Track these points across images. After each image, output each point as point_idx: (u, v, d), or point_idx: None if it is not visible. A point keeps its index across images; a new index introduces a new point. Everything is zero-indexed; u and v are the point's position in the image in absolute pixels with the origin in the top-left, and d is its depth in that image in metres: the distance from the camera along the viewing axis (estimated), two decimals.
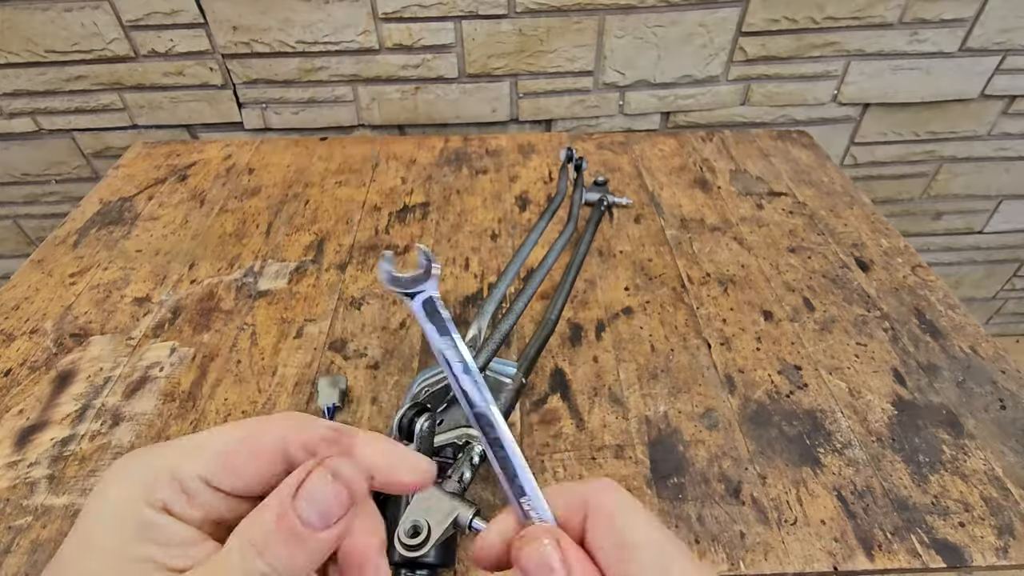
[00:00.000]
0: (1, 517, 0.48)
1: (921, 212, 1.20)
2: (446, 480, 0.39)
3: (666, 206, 0.82)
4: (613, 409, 0.55)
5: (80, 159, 1.03)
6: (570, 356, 0.60)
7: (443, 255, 0.73)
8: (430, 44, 0.91)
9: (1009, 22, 0.92)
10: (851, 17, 0.91)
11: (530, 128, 1.03)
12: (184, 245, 0.76)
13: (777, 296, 0.67)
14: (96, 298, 0.68)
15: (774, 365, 0.60)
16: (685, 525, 0.47)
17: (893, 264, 0.72)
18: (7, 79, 0.93)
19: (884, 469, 0.51)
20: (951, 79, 0.98)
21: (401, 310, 0.66)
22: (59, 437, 0.53)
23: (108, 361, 0.61)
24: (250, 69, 0.93)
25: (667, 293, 0.68)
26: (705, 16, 0.90)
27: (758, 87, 0.99)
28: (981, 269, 1.31)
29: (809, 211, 0.81)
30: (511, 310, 0.50)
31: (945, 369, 0.59)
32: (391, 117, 1.00)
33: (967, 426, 0.54)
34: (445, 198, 0.83)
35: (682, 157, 0.92)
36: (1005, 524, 0.47)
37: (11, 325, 0.65)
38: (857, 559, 0.45)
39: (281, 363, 0.60)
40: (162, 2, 0.86)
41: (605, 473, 0.50)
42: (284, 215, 0.81)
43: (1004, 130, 1.07)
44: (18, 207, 1.10)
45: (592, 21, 0.90)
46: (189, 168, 0.91)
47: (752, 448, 0.52)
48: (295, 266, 0.72)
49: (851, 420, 0.55)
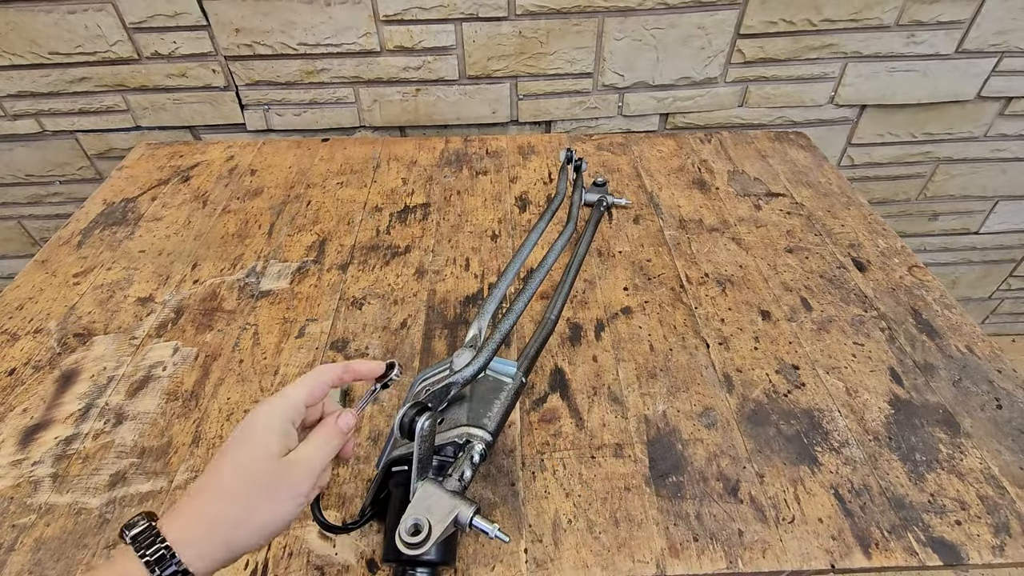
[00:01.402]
0: (5, 515, 0.48)
1: (918, 213, 1.20)
2: (447, 479, 0.39)
3: (665, 207, 0.82)
4: (612, 408, 0.56)
5: (84, 160, 1.04)
6: (570, 356, 0.61)
7: (444, 255, 0.74)
8: (431, 46, 0.92)
9: (1005, 24, 0.93)
10: (848, 19, 0.92)
11: (530, 129, 1.03)
12: (187, 245, 0.76)
13: (775, 296, 0.68)
14: (100, 298, 0.69)
15: (772, 364, 0.60)
16: (683, 523, 0.47)
17: (890, 264, 0.72)
18: (11, 81, 0.93)
19: (881, 468, 0.51)
20: (948, 81, 0.99)
21: (402, 310, 0.66)
22: (63, 436, 0.54)
23: (111, 361, 0.61)
24: (252, 71, 0.94)
25: (666, 293, 0.68)
26: (703, 18, 0.91)
27: (756, 89, 0.99)
28: (977, 269, 1.32)
29: (806, 212, 0.81)
30: (511, 310, 0.51)
31: (942, 368, 0.60)
32: (392, 118, 1.00)
33: (963, 425, 0.55)
34: (446, 199, 0.84)
35: (681, 158, 0.92)
36: (1001, 522, 0.47)
37: (15, 325, 0.65)
38: (854, 557, 0.45)
39: (283, 362, 0.60)
40: (165, 4, 0.86)
41: (604, 471, 0.51)
42: (286, 216, 0.81)
43: (1000, 131, 1.07)
44: (22, 208, 1.11)
45: (591, 23, 0.91)
46: (192, 169, 0.91)
47: (750, 447, 0.53)
48: (297, 266, 0.73)
49: (848, 419, 0.55)
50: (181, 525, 0.31)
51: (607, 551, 0.45)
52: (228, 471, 0.33)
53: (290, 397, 0.36)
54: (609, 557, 0.45)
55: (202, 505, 0.32)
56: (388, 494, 0.44)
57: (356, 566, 0.45)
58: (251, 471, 0.32)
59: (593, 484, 0.50)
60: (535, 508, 0.48)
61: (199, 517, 0.31)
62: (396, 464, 0.43)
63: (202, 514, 0.31)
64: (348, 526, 0.44)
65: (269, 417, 0.34)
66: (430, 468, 0.40)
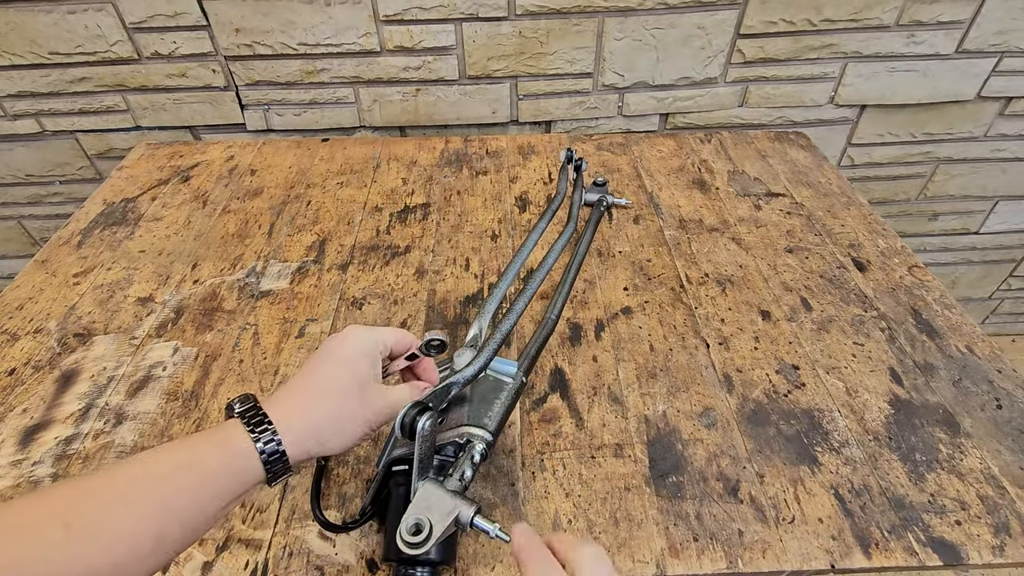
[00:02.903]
0: None
1: (918, 213, 1.20)
2: (447, 479, 0.39)
3: (665, 207, 0.82)
4: (612, 408, 0.56)
5: (84, 160, 1.04)
6: (570, 356, 0.61)
7: (444, 255, 0.74)
8: (431, 46, 0.92)
9: (1005, 24, 0.93)
10: (848, 19, 0.92)
11: (530, 129, 1.03)
12: (187, 245, 0.76)
13: (775, 296, 0.68)
14: (100, 298, 0.69)
15: (772, 364, 0.60)
16: (684, 523, 0.47)
17: (890, 264, 0.72)
18: (11, 81, 0.93)
19: (881, 468, 0.51)
20: (948, 81, 0.99)
21: (402, 310, 0.66)
22: (63, 436, 0.54)
23: (111, 360, 0.61)
24: (252, 71, 0.94)
25: (666, 293, 0.68)
26: (703, 18, 0.91)
27: (756, 89, 0.99)
28: (977, 269, 1.32)
29: (806, 212, 0.81)
30: (511, 310, 0.51)
31: (942, 368, 0.60)
32: (392, 118, 1.00)
33: (963, 425, 0.55)
34: (446, 199, 0.84)
35: (681, 158, 0.92)
36: (1001, 522, 0.47)
37: (15, 325, 0.65)
38: (854, 557, 0.45)
39: (283, 362, 0.60)
40: (165, 4, 0.86)
41: (604, 471, 0.51)
42: (286, 216, 0.81)
43: (1000, 131, 1.07)
44: (22, 208, 1.11)
45: (591, 23, 0.91)
46: (192, 169, 0.91)
47: (750, 447, 0.53)
48: (297, 266, 0.73)
49: (848, 419, 0.55)
50: (282, 413, 0.34)
51: (607, 551, 0.45)
52: (326, 376, 0.36)
53: (384, 334, 0.39)
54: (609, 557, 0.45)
55: (301, 400, 0.35)
56: (388, 494, 0.44)
57: (356, 566, 0.45)
58: (347, 384, 0.36)
59: (593, 484, 0.50)
60: (535, 508, 0.48)
61: (298, 409, 0.34)
62: (396, 464, 0.43)
63: (300, 407, 0.35)
64: (348, 526, 0.44)
65: (364, 342, 0.38)
66: (431, 468, 0.40)
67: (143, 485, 0.29)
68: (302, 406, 0.35)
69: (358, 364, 0.37)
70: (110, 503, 0.27)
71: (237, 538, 0.46)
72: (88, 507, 0.27)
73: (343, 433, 0.36)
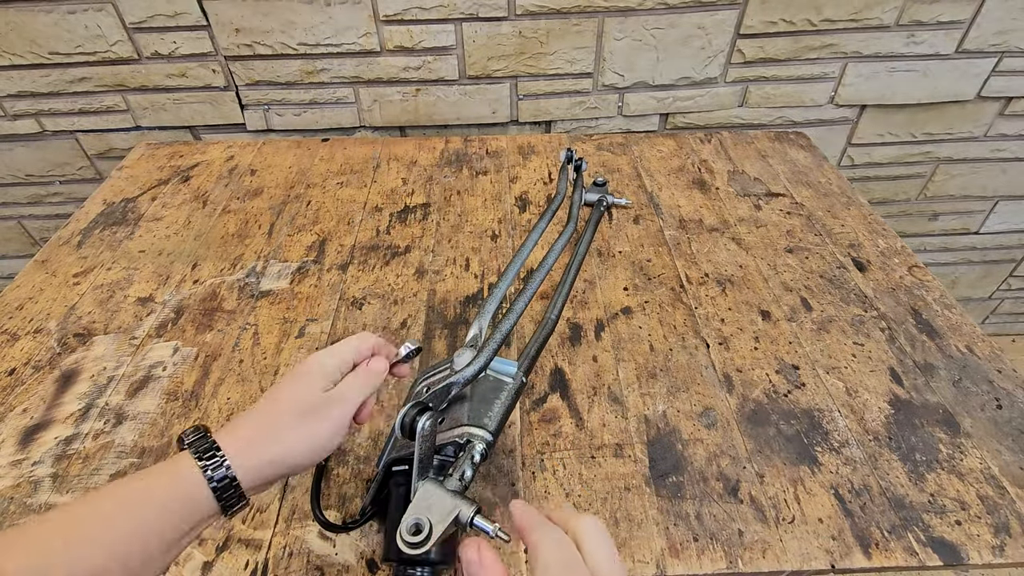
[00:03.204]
0: (5, 516, 0.48)
1: (918, 213, 1.20)
2: (447, 478, 0.39)
3: (665, 207, 0.82)
4: (612, 408, 0.56)
5: (84, 160, 1.04)
6: (570, 356, 0.61)
7: (444, 255, 0.74)
8: (431, 46, 0.92)
9: (1005, 24, 0.93)
10: (848, 19, 0.92)
11: (530, 129, 1.03)
12: (187, 245, 0.76)
13: (775, 296, 0.68)
14: (100, 298, 0.69)
15: (772, 364, 0.60)
16: (683, 523, 0.47)
17: (890, 264, 0.72)
18: (11, 81, 0.93)
19: (881, 468, 0.51)
20: (948, 81, 0.99)
21: (402, 310, 0.66)
22: (63, 436, 0.54)
23: (111, 360, 0.61)
24: (252, 71, 0.94)
25: (666, 293, 0.68)
26: (703, 18, 0.91)
27: (756, 89, 0.99)
28: (977, 269, 1.32)
29: (806, 212, 0.81)
30: (511, 310, 0.51)
31: (942, 368, 0.60)
32: (392, 118, 1.00)
33: (963, 425, 0.55)
34: (446, 199, 0.84)
35: (681, 158, 0.92)
36: (1001, 522, 0.47)
37: (15, 325, 0.65)
38: (854, 557, 0.45)
39: (283, 363, 0.60)
40: (165, 4, 0.86)
41: (604, 471, 0.51)
42: (286, 216, 0.81)
43: (1000, 131, 1.07)
44: (22, 208, 1.11)
45: (591, 23, 0.91)
46: (192, 169, 0.91)
47: (750, 447, 0.53)
48: (297, 266, 0.73)
49: (848, 419, 0.55)
50: (232, 441, 0.34)
51: None
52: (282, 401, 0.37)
53: (340, 351, 0.41)
54: None
55: (252, 427, 0.35)
56: (388, 494, 0.44)
57: (356, 566, 0.45)
58: (301, 401, 0.37)
59: (593, 484, 0.50)
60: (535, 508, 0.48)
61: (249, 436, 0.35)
62: (396, 464, 0.43)
63: (251, 435, 0.35)
64: (348, 526, 0.44)
65: (322, 364, 0.40)
66: (431, 468, 0.40)
67: (87, 525, 0.29)
68: (253, 433, 0.35)
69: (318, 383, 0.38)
70: (47, 550, 0.27)
71: (237, 538, 0.46)
72: (23, 553, 0.27)
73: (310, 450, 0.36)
